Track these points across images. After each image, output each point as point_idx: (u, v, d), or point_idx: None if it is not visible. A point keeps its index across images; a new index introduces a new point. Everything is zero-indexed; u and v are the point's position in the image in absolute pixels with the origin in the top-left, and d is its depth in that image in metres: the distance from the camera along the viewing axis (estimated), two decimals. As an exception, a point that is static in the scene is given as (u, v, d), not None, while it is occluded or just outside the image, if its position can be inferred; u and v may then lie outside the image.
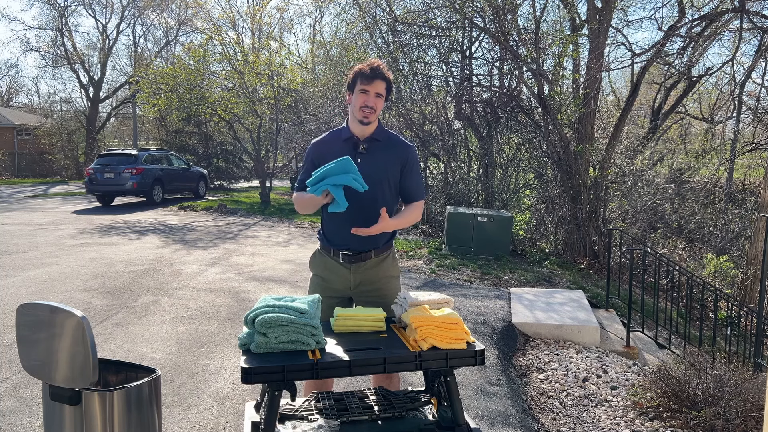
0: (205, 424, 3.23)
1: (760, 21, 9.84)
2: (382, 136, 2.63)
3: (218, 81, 16.95)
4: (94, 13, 39.25)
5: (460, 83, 12.44)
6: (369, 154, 2.58)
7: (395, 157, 2.61)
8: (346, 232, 2.55)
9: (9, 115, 32.13)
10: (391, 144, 2.63)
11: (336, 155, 2.48)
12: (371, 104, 2.51)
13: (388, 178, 2.58)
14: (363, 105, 2.51)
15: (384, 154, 2.59)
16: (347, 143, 2.59)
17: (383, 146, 2.61)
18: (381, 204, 2.56)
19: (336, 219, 2.58)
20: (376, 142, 2.60)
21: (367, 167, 2.53)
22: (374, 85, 2.50)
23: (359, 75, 2.52)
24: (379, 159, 2.58)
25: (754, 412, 3.30)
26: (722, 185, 15.39)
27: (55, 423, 1.86)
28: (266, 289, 6.34)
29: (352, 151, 2.56)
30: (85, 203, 15.44)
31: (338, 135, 2.65)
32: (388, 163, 2.59)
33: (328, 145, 2.63)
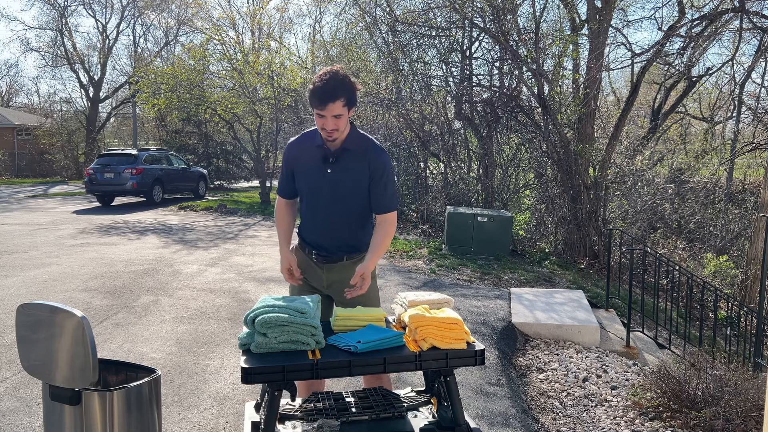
0: (205, 424, 3.23)
1: (760, 21, 9.84)
2: (354, 145, 2.51)
3: (218, 81, 16.94)
4: (94, 13, 39.19)
5: (460, 83, 12.44)
6: (339, 163, 2.50)
7: (365, 165, 2.51)
8: (318, 236, 2.59)
9: (9, 115, 32.12)
10: (362, 152, 2.51)
11: (308, 160, 2.54)
12: (330, 127, 2.38)
13: (353, 189, 2.51)
14: (323, 128, 2.41)
15: (353, 165, 2.50)
16: (319, 150, 2.52)
17: (353, 156, 2.50)
18: (348, 216, 2.55)
19: (309, 223, 2.61)
20: (348, 152, 2.50)
21: (336, 178, 2.50)
22: (328, 109, 2.33)
23: (312, 96, 2.36)
24: (349, 170, 2.50)
25: (754, 412, 3.30)
26: (722, 185, 15.39)
27: (55, 423, 1.86)
28: (266, 289, 6.34)
29: (322, 160, 2.51)
30: (85, 203, 15.44)
31: (312, 138, 2.57)
32: (357, 172, 2.50)
33: (302, 148, 2.58)
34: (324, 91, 2.32)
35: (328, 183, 2.51)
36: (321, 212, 2.55)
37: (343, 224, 2.56)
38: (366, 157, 2.50)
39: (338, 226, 2.56)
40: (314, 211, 2.57)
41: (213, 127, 21.23)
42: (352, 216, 2.56)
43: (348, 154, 2.50)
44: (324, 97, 2.32)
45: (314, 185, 2.54)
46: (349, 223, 2.57)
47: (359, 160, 2.50)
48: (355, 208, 2.55)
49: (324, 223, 2.57)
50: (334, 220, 2.55)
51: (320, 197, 2.54)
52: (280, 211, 2.71)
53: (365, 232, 2.63)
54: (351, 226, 2.58)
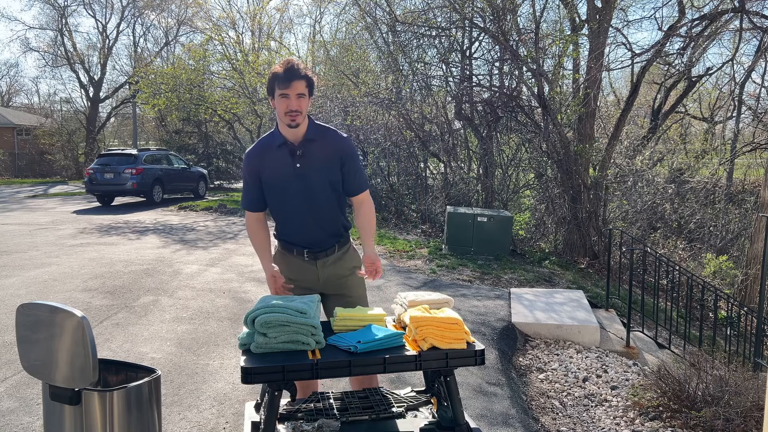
0: (205, 424, 3.23)
1: (760, 21, 9.84)
2: (316, 135, 2.56)
3: (218, 81, 16.95)
4: (94, 13, 39.17)
5: (460, 83, 12.43)
6: (306, 157, 2.53)
7: (332, 153, 2.56)
8: (307, 232, 2.60)
9: (9, 115, 32.12)
10: (327, 141, 2.57)
11: (274, 162, 2.54)
12: (294, 107, 2.43)
13: (327, 177, 2.55)
14: (288, 110, 2.44)
15: (321, 154, 2.55)
16: (282, 149, 2.54)
17: (319, 146, 2.55)
18: (329, 204, 2.60)
19: (292, 223, 2.62)
20: (312, 142, 2.54)
21: (308, 170, 2.53)
22: (293, 86, 2.41)
23: (275, 79, 2.43)
24: (318, 159, 2.54)
25: (754, 412, 3.30)
26: (722, 185, 15.39)
27: (55, 423, 1.86)
28: (266, 289, 6.33)
29: (289, 157, 2.53)
30: (85, 203, 15.44)
31: (270, 141, 2.59)
32: (326, 161, 2.55)
33: (264, 154, 2.58)
34: (288, 71, 2.40)
35: (300, 177, 2.53)
36: (303, 208, 2.56)
37: (326, 213, 2.60)
38: (334, 146, 2.56)
39: (323, 216, 2.59)
40: (295, 208, 2.57)
41: (213, 127, 21.23)
42: (332, 203, 2.60)
43: (313, 145, 2.54)
44: (290, 75, 2.39)
45: (287, 183, 2.55)
46: (331, 211, 2.61)
47: (326, 149, 2.55)
48: (332, 195, 2.60)
49: (310, 217, 2.58)
50: (317, 211, 2.58)
51: (297, 193, 2.55)
52: (252, 227, 2.70)
53: (344, 215, 2.71)
54: (333, 212, 2.62)
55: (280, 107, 2.45)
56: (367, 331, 2.19)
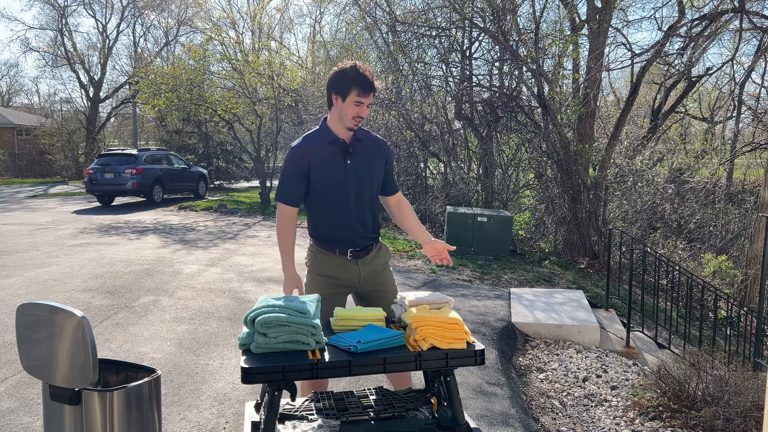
0: (205, 424, 3.24)
1: (760, 21, 9.84)
2: (363, 136, 2.66)
3: (218, 81, 16.94)
4: (94, 13, 39.27)
5: (460, 83, 12.43)
6: (356, 155, 2.60)
7: (379, 154, 2.67)
8: (351, 230, 2.62)
9: (9, 115, 32.13)
10: (372, 142, 2.68)
11: (325, 158, 2.56)
12: (364, 115, 2.52)
13: (374, 176, 2.64)
14: (357, 116, 2.50)
15: (369, 153, 2.64)
16: (333, 146, 2.58)
17: (366, 146, 2.65)
18: (372, 203, 2.68)
19: (336, 219, 2.62)
20: (360, 142, 2.62)
21: (358, 168, 2.60)
22: (370, 97, 2.50)
23: (355, 85, 2.46)
24: (366, 158, 2.63)
25: (754, 412, 3.30)
26: (722, 185, 15.39)
27: (55, 423, 1.86)
28: (266, 289, 6.34)
29: (341, 154, 2.57)
30: (85, 203, 15.44)
31: (319, 138, 2.60)
32: (373, 161, 2.65)
33: (314, 149, 2.59)
34: (371, 84, 2.48)
35: (350, 174, 2.57)
36: (350, 205, 2.60)
37: (369, 211, 2.67)
38: (380, 147, 2.69)
39: (367, 215, 2.66)
40: (342, 205, 2.60)
41: (213, 127, 21.23)
42: (373, 202, 2.70)
43: (361, 145, 2.62)
44: (371, 86, 2.47)
45: (338, 179, 2.57)
46: (372, 210, 2.70)
47: (372, 149, 2.66)
48: (374, 194, 2.70)
49: (355, 215, 2.62)
50: (363, 209, 2.64)
51: (346, 190, 2.58)
52: (285, 224, 2.64)
53: (377, 215, 2.78)
54: (374, 211, 2.71)
55: (350, 110, 2.49)
56: (367, 331, 2.19)
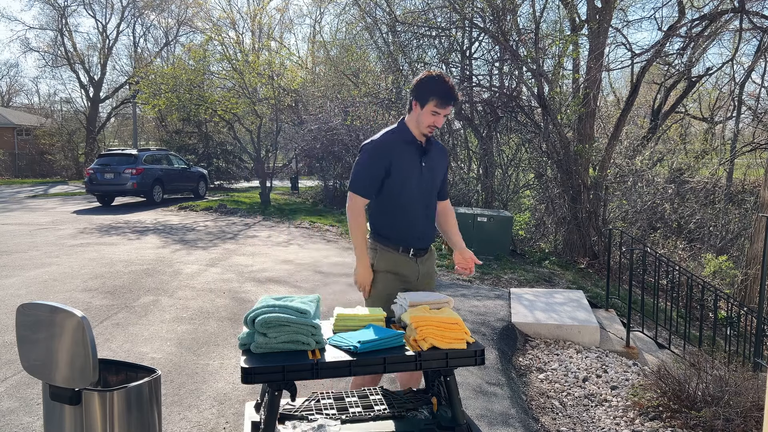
0: (205, 424, 3.24)
1: (760, 21, 9.84)
2: (433, 140, 2.78)
3: (218, 81, 16.94)
4: (94, 13, 39.23)
5: (460, 83, 12.44)
6: (429, 157, 2.72)
7: (442, 159, 2.83)
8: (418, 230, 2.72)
9: (9, 115, 32.12)
10: (437, 147, 2.81)
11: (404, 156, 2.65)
12: (439, 125, 2.63)
13: (439, 180, 2.79)
14: (432, 125, 2.60)
15: (437, 157, 2.78)
16: (411, 146, 2.67)
17: (435, 149, 2.77)
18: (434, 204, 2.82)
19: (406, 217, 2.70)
20: (431, 146, 2.75)
21: (430, 170, 2.73)
22: (448, 109, 2.59)
23: (435, 96, 2.54)
24: (437, 162, 2.77)
25: (754, 412, 3.30)
26: (722, 185, 15.39)
27: (55, 423, 1.86)
28: (266, 289, 6.34)
29: (417, 155, 2.67)
30: (85, 203, 15.44)
31: (398, 136, 2.69)
32: (439, 165, 2.79)
33: (394, 145, 2.67)
34: (452, 93, 2.57)
35: (423, 175, 2.69)
36: (420, 204, 2.70)
37: (432, 212, 2.81)
38: (444, 154, 2.85)
39: (431, 215, 2.79)
40: (414, 204, 2.69)
41: (213, 127, 21.23)
42: (435, 204, 2.83)
43: (432, 149, 2.75)
44: (452, 98, 2.57)
45: (412, 179, 2.66)
46: (434, 210, 2.84)
47: (439, 155, 2.80)
48: (436, 196, 2.83)
49: (423, 214, 2.73)
50: (428, 210, 2.76)
51: (419, 190, 2.68)
52: (360, 216, 2.69)
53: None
54: (435, 212, 2.85)
55: (426, 119, 2.59)
56: (367, 331, 2.20)
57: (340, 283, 6.67)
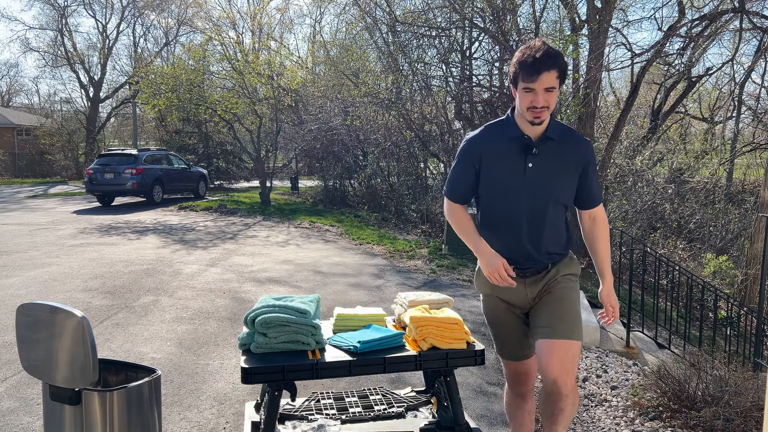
0: (205, 424, 3.23)
1: (760, 21, 9.84)
2: (556, 133, 2.20)
3: (218, 81, 16.95)
4: (94, 13, 39.17)
5: (460, 83, 12.44)
6: (542, 157, 2.18)
7: (574, 157, 2.22)
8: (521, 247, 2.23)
9: (9, 115, 32.12)
10: (568, 143, 2.22)
11: (502, 156, 2.19)
12: (540, 104, 2.07)
13: (561, 185, 2.22)
14: (531, 106, 2.08)
15: (559, 157, 2.20)
16: (515, 143, 2.19)
17: (558, 147, 2.20)
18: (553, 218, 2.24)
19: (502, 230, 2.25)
20: (550, 141, 2.19)
21: (540, 173, 2.18)
22: (541, 80, 2.04)
23: (519, 69, 2.07)
24: (554, 163, 2.19)
25: (754, 412, 3.30)
26: (722, 185, 15.40)
27: (55, 423, 1.86)
28: (266, 289, 6.34)
29: (521, 154, 2.18)
30: (85, 203, 15.44)
31: (500, 131, 2.23)
32: (564, 165, 2.20)
33: (492, 143, 2.23)
34: (539, 60, 2.03)
35: (529, 180, 2.18)
36: (521, 217, 2.21)
37: (548, 229, 2.23)
38: (576, 150, 2.22)
39: (542, 232, 2.23)
40: (512, 215, 2.22)
41: (213, 127, 21.23)
42: (556, 218, 2.25)
43: (551, 145, 2.19)
44: (538, 66, 2.02)
45: (512, 184, 2.19)
46: (553, 227, 2.24)
47: (566, 152, 2.21)
48: (559, 208, 2.26)
49: (526, 230, 2.22)
50: (538, 224, 2.22)
51: (520, 199, 2.20)
52: (458, 213, 2.31)
53: (568, 233, 2.35)
54: (555, 229, 2.26)
55: (522, 101, 2.10)
56: (367, 331, 2.20)
57: (340, 283, 6.67)
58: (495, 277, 2.12)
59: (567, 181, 2.22)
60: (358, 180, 15.27)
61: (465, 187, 2.28)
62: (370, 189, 14.55)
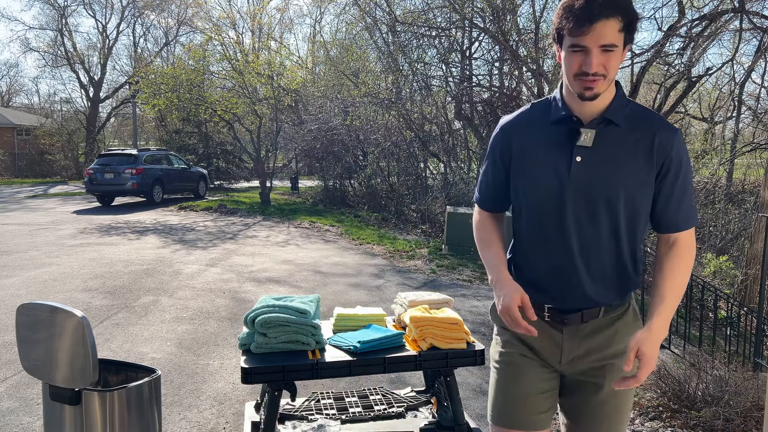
0: (205, 424, 3.24)
1: (760, 21, 9.85)
2: (621, 114, 1.50)
3: (218, 81, 16.96)
4: (94, 13, 39.25)
5: (460, 83, 12.44)
6: (599, 148, 1.49)
7: (647, 151, 1.49)
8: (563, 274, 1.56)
9: (9, 115, 32.12)
10: (639, 127, 1.50)
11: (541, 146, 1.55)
12: (594, 69, 1.40)
13: (632, 192, 1.50)
14: (578, 72, 1.42)
15: (626, 149, 1.49)
16: (560, 128, 1.53)
17: (626, 135, 1.50)
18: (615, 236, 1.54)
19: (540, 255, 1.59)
20: (613, 127, 1.50)
21: (594, 170, 1.49)
22: (595, 33, 1.36)
23: (565, 18, 1.40)
24: (618, 157, 1.49)
25: (754, 412, 3.30)
26: (722, 185, 15.40)
27: (55, 423, 1.86)
28: (266, 289, 6.34)
29: (567, 144, 1.51)
30: (85, 203, 15.45)
31: (545, 112, 1.58)
32: (633, 163, 1.49)
33: (526, 130, 1.60)
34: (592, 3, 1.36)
35: (578, 180, 1.50)
36: (568, 232, 1.53)
37: (604, 252, 1.54)
38: (654, 139, 1.48)
39: (597, 256, 1.54)
40: (552, 232, 1.55)
41: (213, 127, 21.24)
42: (620, 236, 1.54)
43: (615, 132, 1.50)
44: (591, 11, 1.35)
45: (553, 185, 1.52)
46: (615, 251, 1.55)
47: (638, 142, 1.49)
48: (626, 222, 1.53)
49: (576, 251, 1.54)
50: (592, 243, 1.53)
51: (563, 206, 1.52)
52: (482, 228, 1.71)
53: (637, 263, 1.62)
54: (618, 254, 1.56)
55: (570, 65, 1.44)
56: (367, 331, 2.20)
57: (340, 283, 6.67)
58: (506, 320, 1.52)
59: (637, 185, 1.50)
60: (358, 180, 15.28)
61: (495, 189, 1.68)
62: (370, 189, 14.55)
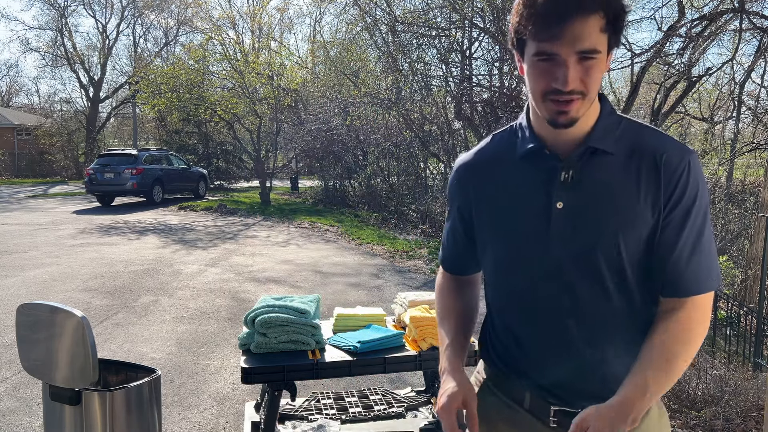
0: (205, 424, 3.24)
1: (760, 21, 9.84)
2: (610, 139, 1.12)
3: (218, 81, 16.96)
4: (94, 13, 39.31)
5: (459, 83, 12.44)
6: (582, 186, 1.11)
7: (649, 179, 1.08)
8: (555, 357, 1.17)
9: (9, 115, 32.11)
10: (637, 153, 1.10)
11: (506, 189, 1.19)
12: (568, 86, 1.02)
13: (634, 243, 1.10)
14: (548, 90, 1.04)
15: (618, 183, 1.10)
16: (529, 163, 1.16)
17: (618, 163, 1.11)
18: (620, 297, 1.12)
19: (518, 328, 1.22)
20: (599, 157, 1.11)
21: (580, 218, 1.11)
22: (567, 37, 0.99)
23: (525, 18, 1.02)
24: (609, 198, 1.10)
25: (754, 412, 3.30)
26: (722, 185, 15.41)
27: (55, 423, 1.86)
28: (266, 289, 6.34)
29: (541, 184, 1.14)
30: (85, 203, 15.45)
31: (507, 146, 1.21)
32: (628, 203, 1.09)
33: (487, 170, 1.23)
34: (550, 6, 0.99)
35: (560, 232, 1.12)
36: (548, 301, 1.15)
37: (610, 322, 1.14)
38: (657, 162, 1.08)
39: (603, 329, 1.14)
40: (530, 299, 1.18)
41: (213, 127, 21.25)
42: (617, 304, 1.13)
43: (603, 163, 1.11)
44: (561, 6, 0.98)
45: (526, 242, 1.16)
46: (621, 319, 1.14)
47: (638, 173, 1.09)
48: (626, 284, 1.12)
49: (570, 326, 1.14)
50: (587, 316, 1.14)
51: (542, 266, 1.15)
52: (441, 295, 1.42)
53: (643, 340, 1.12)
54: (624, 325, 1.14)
55: (537, 81, 1.06)
56: (367, 331, 2.20)
57: (339, 283, 6.67)
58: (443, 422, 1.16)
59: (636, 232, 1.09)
60: (358, 180, 15.28)
61: (456, 247, 1.35)
62: (370, 189, 14.55)
